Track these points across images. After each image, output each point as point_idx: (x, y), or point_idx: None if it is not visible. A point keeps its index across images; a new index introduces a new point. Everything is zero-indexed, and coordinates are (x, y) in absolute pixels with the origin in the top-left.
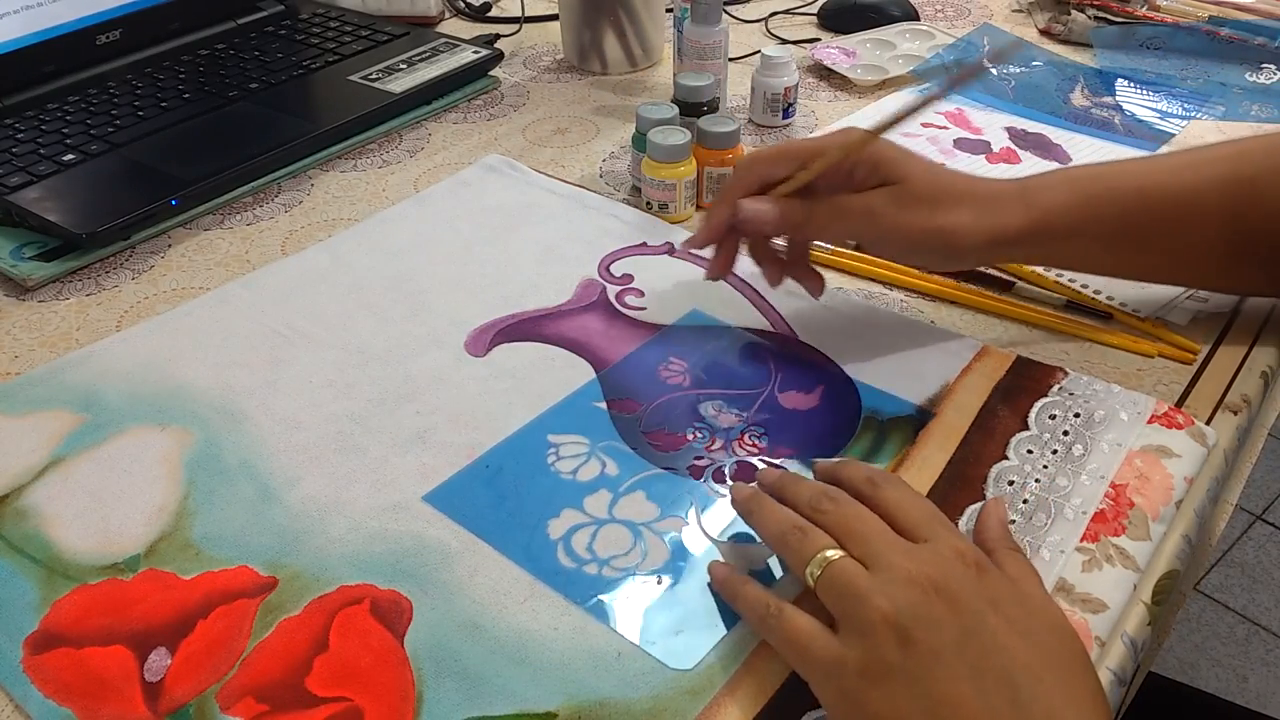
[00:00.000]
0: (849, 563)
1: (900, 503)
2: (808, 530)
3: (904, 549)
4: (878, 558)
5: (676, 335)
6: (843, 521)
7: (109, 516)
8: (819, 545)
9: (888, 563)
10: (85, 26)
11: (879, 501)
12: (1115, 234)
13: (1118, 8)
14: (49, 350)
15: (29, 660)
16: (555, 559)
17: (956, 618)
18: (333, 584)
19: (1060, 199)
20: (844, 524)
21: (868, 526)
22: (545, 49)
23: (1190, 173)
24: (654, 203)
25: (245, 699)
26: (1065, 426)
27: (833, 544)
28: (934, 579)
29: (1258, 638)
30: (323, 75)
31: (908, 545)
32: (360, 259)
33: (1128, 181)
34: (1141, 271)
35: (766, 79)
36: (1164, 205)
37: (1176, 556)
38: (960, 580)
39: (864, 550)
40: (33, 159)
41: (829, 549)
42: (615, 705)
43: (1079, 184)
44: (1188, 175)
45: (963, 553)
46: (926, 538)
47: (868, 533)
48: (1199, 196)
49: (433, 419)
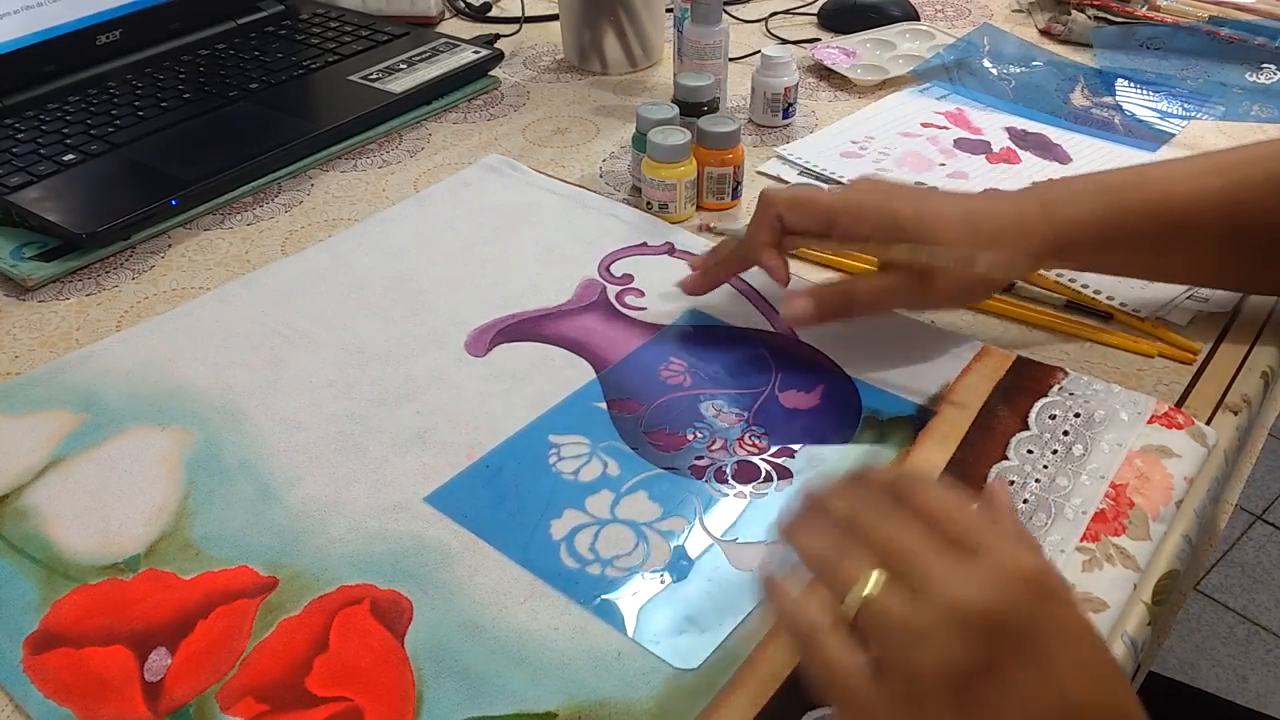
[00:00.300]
0: (891, 598)
1: (944, 505)
2: (842, 554)
3: (955, 569)
4: (926, 582)
5: (676, 335)
6: (884, 538)
7: (109, 516)
8: (854, 574)
9: (938, 590)
10: (85, 26)
11: (920, 505)
12: (1139, 242)
13: (1118, 8)
14: (49, 350)
15: (29, 660)
16: (558, 560)
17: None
18: (333, 584)
19: (1082, 212)
20: (885, 541)
21: (914, 541)
22: (545, 49)
23: (1210, 177)
24: (654, 203)
25: (245, 699)
26: (1065, 426)
27: (869, 573)
28: (991, 616)
29: (1258, 638)
30: (323, 75)
31: (959, 563)
32: (360, 259)
33: (1150, 191)
34: (1164, 274)
35: (766, 79)
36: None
37: (1176, 556)
38: (1023, 611)
39: (909, 570)
40: (33, 159)
41: (866, 581)
42: (615, 705)
43: (1101, 195)
44: (1207, 180)
45: (1023, 569)
46: (978, 547)
47: (914, 549)
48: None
49: (433, 419)
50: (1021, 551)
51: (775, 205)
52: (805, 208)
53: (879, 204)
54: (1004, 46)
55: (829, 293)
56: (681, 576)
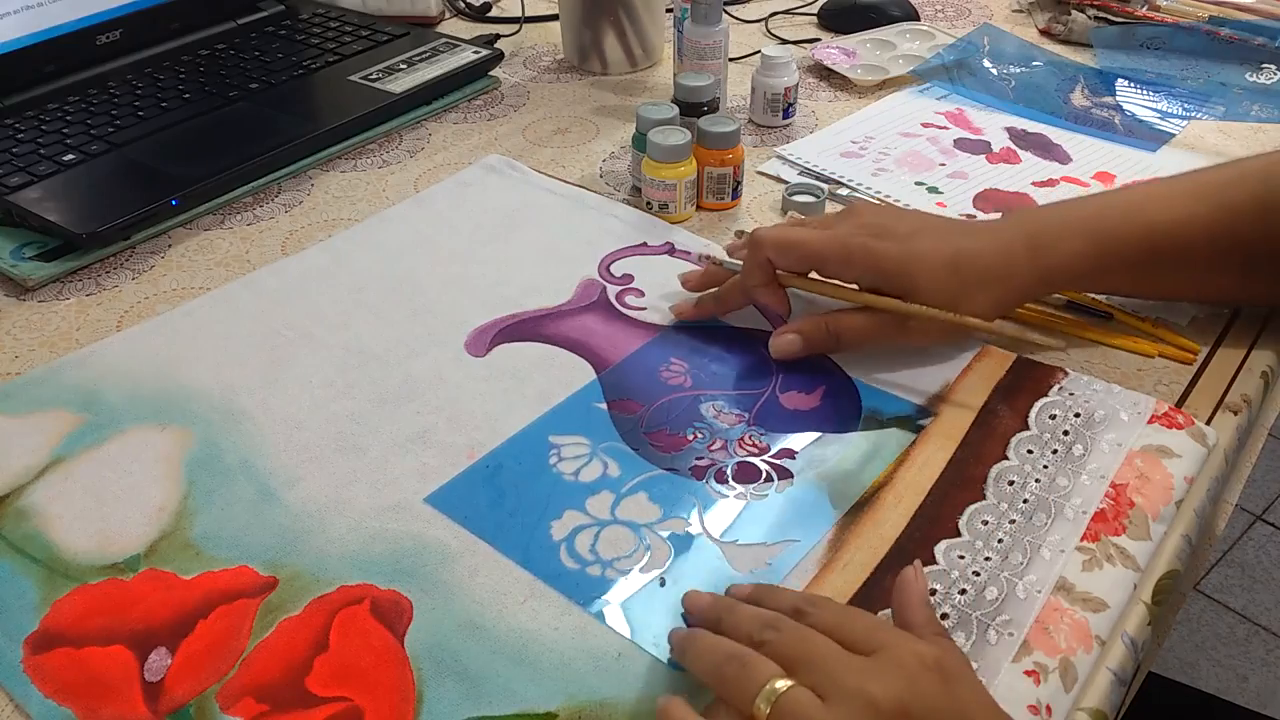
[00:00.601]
0: (802, 693)
1: (841, 619)
2: (748, 660)
3: (860, 668)
4: (834, 684)
5: (677, 336)
6: (790, 646)
7: (109, 516)
8: (765, 675)
9: (846, 689)
10: (85, 26)
11: (818, 622)
12: (1128, 269)
13: (1118, 8)
14: (49, 350)
15: (29, 660)
16: (559, 560)
17: None
18: (333, 584)
19: (1072, 249)
20: (791, 649)
21: (818, 648)
22: (545, 49)
23: (1195, 202)
24: (654, 203)
25: (245, 699)
26: (1065, 426)
27: (780, 673)
28: (901, 702)
29: (1258, 638)
30: (323, 75)
31: (863, 662)
32: (360, 259)
33: (1137, 219)
34: (1154, 294)
35: (766, 79)
36: (1174, 239)
37: (1176, 556)
38: (929, 696)
39: (818, 677)
40: (33, 159)
41: (777, 678)
42: (615, 705)
43: (1088, 227)
44: (1193, 205)
45: (922, 657)
46: (877, 647)
47: (819, 655)
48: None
49: (433, 419)
50: (917, 643)
51: (764, 248)
52: (794, 251)
53: (865, 247)
54: (1004, 46)
55: (815, 329)
56: (682, 577)
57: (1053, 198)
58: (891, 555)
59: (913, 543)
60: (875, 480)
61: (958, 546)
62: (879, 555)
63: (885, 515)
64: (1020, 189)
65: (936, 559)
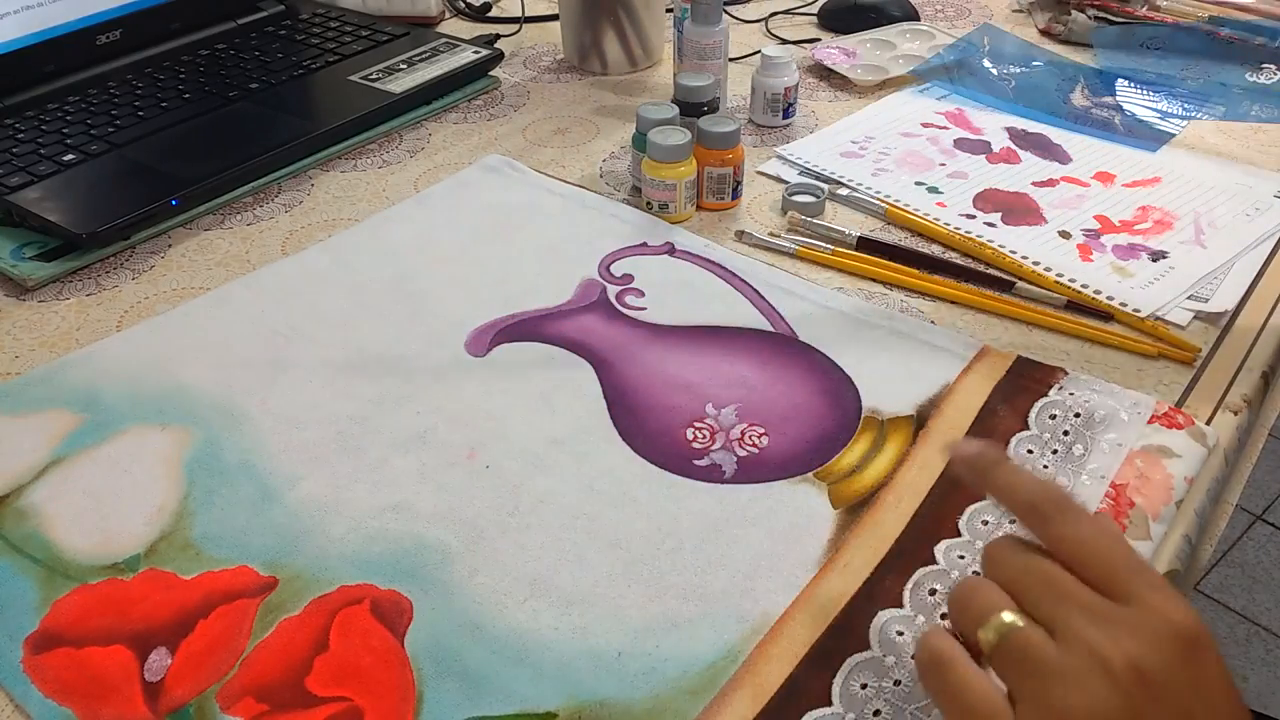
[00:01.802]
0: (1033, 633)
1: (1091, 543)
2: (979, 584)
3: (1101, 617)
4: (1067, 628)
5: (677, 335)
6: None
7: (109, 516)
8: (994, 603)
9: (1081, 640)
10: (85, 26)
11: (1059, 541)
12: None
13: (1118, 8)
14: (49, 350)
15: (29, 660)
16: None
17: None
18: (333, 584)
19: None
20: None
21: (1051, 583)
22: (545, 49)
23: None
24: (654, 203)
25: (245, 699)
26: (1065, 426)
27: (1009, 604)
28: (1139, 669)
29: (1258, 638)
30: (323, 75)
31: (1105, 610)
32: (360, 259)
33: None
34: None
35: (766, 79)
36: None
37: (1176, 556)
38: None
39: (1049, 613)
40: (33, 159)
41: (1007, 610)
42: (615, 705)
43: None
44: None
45: (1175, 626)
46: (1128, 595)
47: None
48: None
49: (433, 419)
50: (1178, 603)
51: None
52: None
53: None
54: (1004, 46)
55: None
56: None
57: (1053, 198)
58: (891, 555)
59: (913, 543)
60: (875, 480)
61: (958, 546)
62: (879, 555)
63: (885, 515)
64: (1020, 189)
65: (936, 559)
